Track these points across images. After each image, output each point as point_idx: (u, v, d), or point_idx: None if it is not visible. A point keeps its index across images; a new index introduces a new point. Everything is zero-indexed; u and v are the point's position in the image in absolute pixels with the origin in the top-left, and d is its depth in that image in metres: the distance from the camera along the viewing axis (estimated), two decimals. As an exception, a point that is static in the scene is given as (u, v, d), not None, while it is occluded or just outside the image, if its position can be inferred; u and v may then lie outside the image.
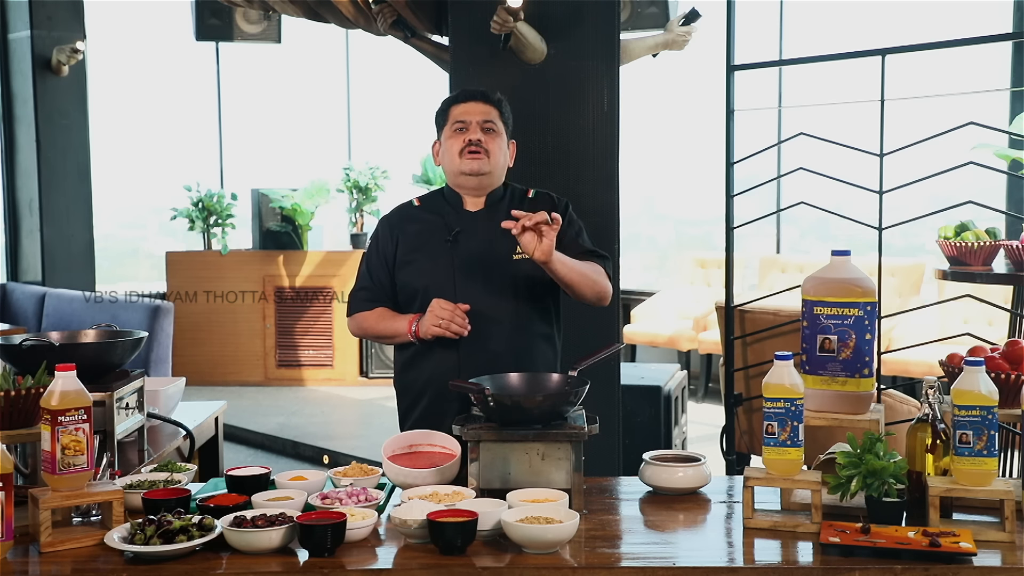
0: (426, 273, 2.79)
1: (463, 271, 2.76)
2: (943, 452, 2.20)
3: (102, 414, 2.75)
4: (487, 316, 2.73)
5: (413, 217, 2.89)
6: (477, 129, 2.79)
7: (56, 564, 2.02)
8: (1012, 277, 3.89)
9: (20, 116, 8.33)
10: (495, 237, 2.74)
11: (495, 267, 2.76)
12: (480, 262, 2.77)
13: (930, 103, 4.05)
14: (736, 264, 5.08)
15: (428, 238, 2.82)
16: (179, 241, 10.44)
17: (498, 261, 2.76)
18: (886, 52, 3.84)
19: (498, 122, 2.83)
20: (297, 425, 7.22)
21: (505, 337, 2.73)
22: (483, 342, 2.72)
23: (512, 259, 2.75)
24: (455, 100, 2.86)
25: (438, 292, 2.74)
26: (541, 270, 2.66)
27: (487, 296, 2.74)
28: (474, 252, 2.78)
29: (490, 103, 2.84)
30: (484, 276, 2.76)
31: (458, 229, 2.80)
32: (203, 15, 7.48)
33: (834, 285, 2.39)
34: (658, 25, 5.15)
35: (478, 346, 2.72)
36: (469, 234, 2.80)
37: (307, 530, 2.01)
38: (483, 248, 2.78)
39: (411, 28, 4.80)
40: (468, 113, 2.81)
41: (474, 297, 2.73)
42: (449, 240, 2.79)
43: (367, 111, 9.70)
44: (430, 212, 2.87)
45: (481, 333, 2.72)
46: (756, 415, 4.39)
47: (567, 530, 2.03)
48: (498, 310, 2.74)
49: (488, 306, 2.74)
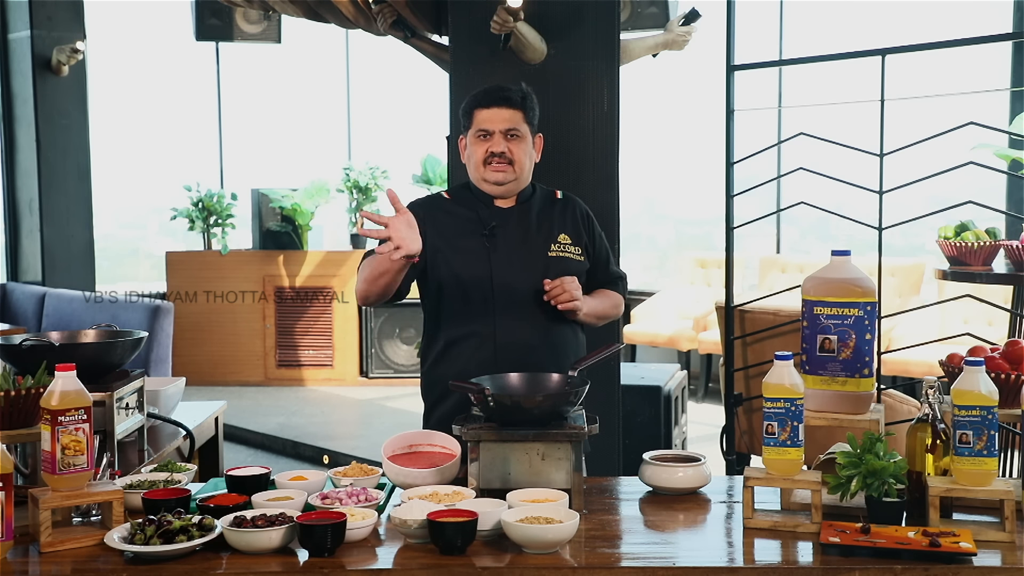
0: (460, 265, 2.77)
1: (500, 265, 2.76)
2: (943, 452, 2.20)
3: (102, 414, 2.75)
4: (523, 310, 2.74)
5: (444, 208, 2.86)
6: (501, 140, 2.76)
7: (56, 564, 2.02)
8: (1012, 277, 3.89)
9: (20, 116, 8.33)
10: (530, 233, 2.79)
11: (531, 261, 2.77)
12: (516, 256, 2.77)
13: (930, 103, 4.05)
14: (736, 264, 5.08)
15: (461, 231, 2.80)
16: (179, 241, 10.44)
17: (534, 256, 2.77)
18: (886, 52, 3.84)
19: (523, 126, 2.78)
20: (297, 425, 7.22)
21: (541, 331, 2.74)
22: (519, 335, 2.73)
23: (547, 255, 2.77)
24: (479, 103, 2.79)
25: (474, 285, 2.75)
26: (575, 267, 2.78)
27: (523, 290, 2.75)
28: (510, 246, 2.78)
29: (515, 107, 2.77)
30: (520, 270, 2.76)
31: (494, 223, 2.79)
32: (203, 15, 7.48)
33: (834, 285, 2.39)
34: (658, 25, 5.15)
35: (515, 340, 2.73)
36: (504, 229, 2.80)
37: (307, 530, 2.01)
38: (519, 243, 2.79)
39: (411, 28, 4.80)
40: (491, 121, 2.76)
41: (510, 291, 2.74)
42: (485, 234, 2.78)
43: (367, 111, 9.71)
44: (461, 206, 2.85)
45: (517, 327, 2.73)
46: (756, 415, 4.39)
47: (567, 530, 2.03)
48: (533, 304, 2.74)
49: (524, 300, 2.74)
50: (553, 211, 2.86)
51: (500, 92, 2.79)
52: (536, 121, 2.83)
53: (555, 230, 2.82)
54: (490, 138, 2.76)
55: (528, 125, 2.80)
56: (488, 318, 2.75)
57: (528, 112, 2.80)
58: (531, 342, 2.73)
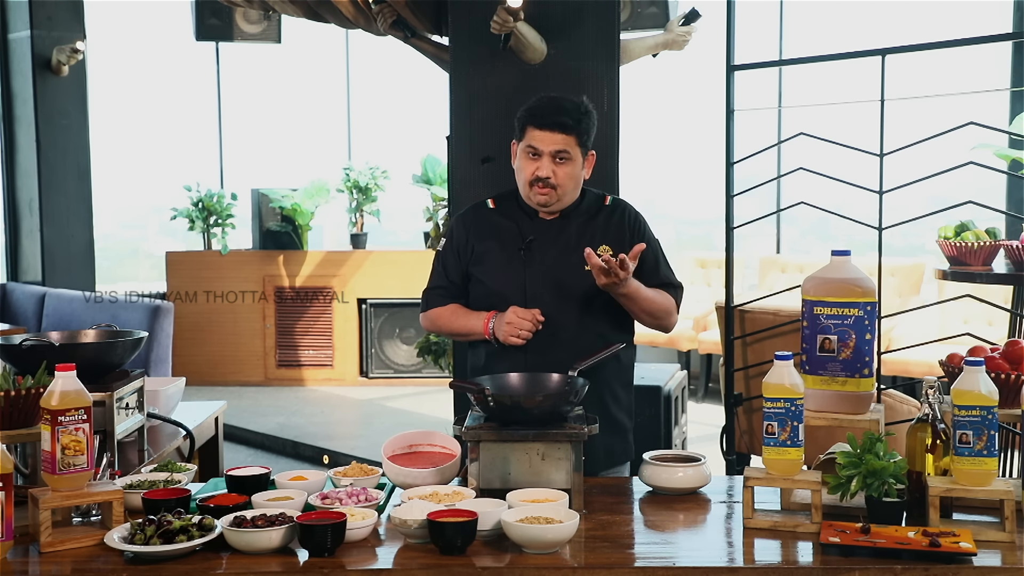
0: (498, 279, 2.79)
1: (534, 280, 2.76)
2: (943, 452, 2.20)
3: (102, 414, 2.75)
4: (555, 325, 2.72)
5: (487, 219, 2.86)
6: (549, 163, 2.70)
7: (56, 564, 2.02)
8: (1012, 277, 3.89)
9: (20, 116, 8.32)
10: (569, 248, 2.75)
11: (566, 278, 2.75)
12: (551, 272, 2.75)
13: (930, 103, 4.05)
14: (736, 264, 5.08)
15: (502, 243, 2.81)
16: (179, 241, 10.44)
17: (569, 272, 2.75)
18: (886, 52, 3.84)
19: (574, 148, 2.71)
20: (297, 425, 7.22)
21: (572, 347, 2.68)
22: (550, 351, 2.69)
23: (583, 271, 2.71)
24: (533, 121, 2.72)
25: (508, 298, 2.75)
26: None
27: (556, 305, 2.73)
28: (547, 262, 2.76)
29: (568, 133, 2.70)
30: (554, 286, 2.75)
31: (531, 238, 2.78)
32: (203, 15, 7.48)
33: (834, 285, 2.39)
34: (658, 25, 5.15)
35: (545, 354, 2.70)
36: (542, 243, 2.78)
37: (307, 530, 2.01)
38: (555, 258, 2.76)
39: (411, 28, 4.80)
40: (542, 142, 2.70)
41: (543, 305, 2.73)
42: (522, 249, 2.77)
43: (367, 111, 9.70)
44: (504, 216, 2.84)
45: (548, 342, 2.71)
46: (756, 415, 4.39)
47: (567, 530, 2.03)
48: (566, 320, 2.73)
49: (557, 315, 2.72)
50: (598, 219, 2.82)
51: (555, 116, 2.69)
52: (591, 140, 2.76)
53: (596, 241, 2.77)
54: (539, 159, 2.71)
55: (580, 147, 2.73)
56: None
57: (583, 135, 2.72)
58: (561, 358, 2.66)
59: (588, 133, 2.74)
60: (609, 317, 2.79)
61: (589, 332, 2.74)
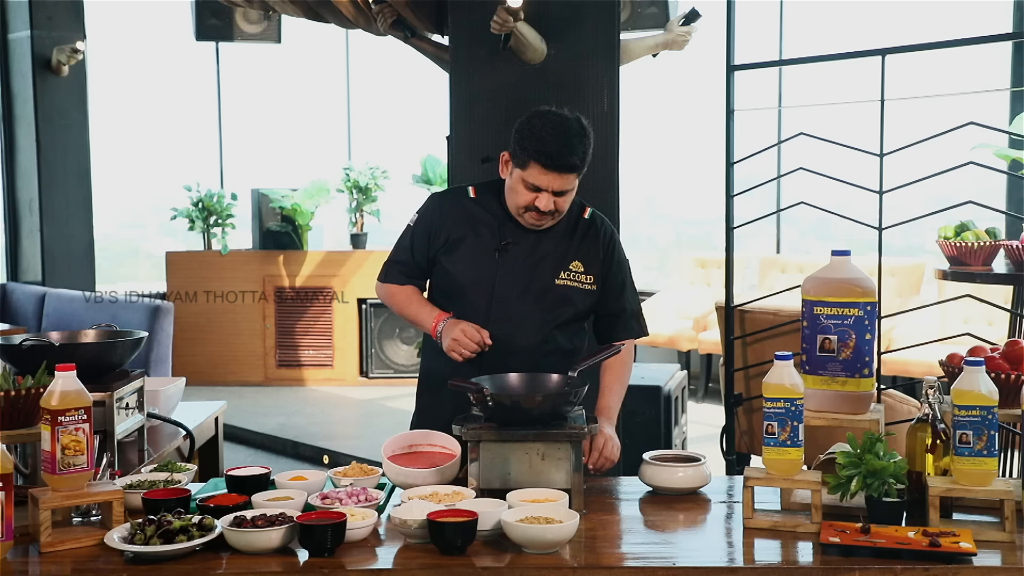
0: (467, 273, 2.74)
1: (504, 283, 2.72)
2: (943, 452, 2.20)
3: (102, 414, 2.75)
4: (516, 330, 2.70)
5: (466, 207, 2.78)
6: (550, 201, 2.62)
7: (56, 564, 2.02)
8: (1012, 277, 3.89)
9: (20, 116, 8.32)
10: (543, 259, 2.73)
11: (536, 285, 2.72)
12: (522, 279, 2.73)
13: (930, 103, 4.05)
14: (736, 264, 5.08)
15: (478, 236, 2.75)
16: (179, 241, 10.44)
17: (540, 280, 2.72)
18: (886, 52, 3.84)
19: (575, 181, 2.64)
20: (297, 425, 7.22)
21: (529, 353, 2.68)
22: (505, 355, 2.66)
23: (555, 283, 2.71)
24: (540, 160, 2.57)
25: (471, 295, 2.72)
26: (580, 296, 2.72)
27: (520, 310, 2.71)
28: (519, 266, 2.73)
29: (573, 173, 2.60)
30: (523, 291, 2.72)
31: (508, 240, 2.74)
32: (203, 15, 7.48)
33: (834, 285, 2.39)
34: (658, 25, 5.15)
35: (500, 359, 2.67)
36: (518, 247, 2.74)
37: (307, 530, 2.01)
38: (529, 264, 2.73)
39: (411, 28, 4.80)
40: (549, 183, 2.60)
41: (508, 308, 2.71)
42: (498, 250, 2.73)
43: (367, 111, 9.70)
44: (484, 210, 2.76)
45: (506, 347, 2.68)
46: (756, 415, 4.39)
47: (567, 530, 2.03)
48: (528, 325, 2.71)
49: (519, 320, 2.71)
50: (575, 234, 2.77)
51: (566, 159, 2.57)
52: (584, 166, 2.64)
53: (569, 256, 2.74)
54: (539, 193, 2.62)
55: (578, 178, 2.66)
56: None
57: (584, 169, 2.64)
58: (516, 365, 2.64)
59: (587, 163, 2.65)
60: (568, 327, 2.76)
61: (548, 342, 2.72)
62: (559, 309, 2.73)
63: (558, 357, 2.71)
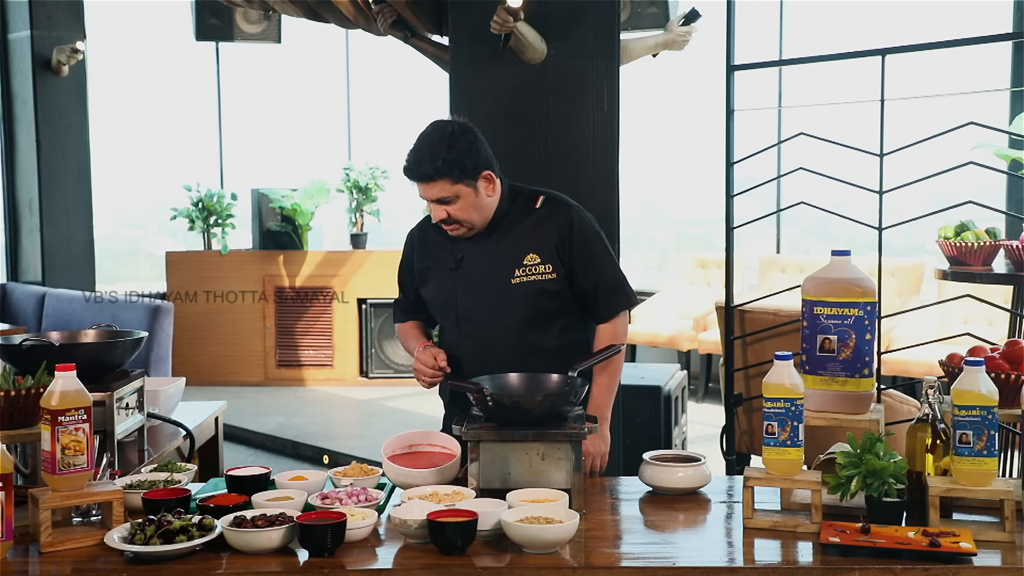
0: (436, 296, 2.82)
1: (465, 297, 2.76)
2: (943, 452, 2.20)
3: (102, 414, 2.75)
4: (488, 337, 2.73)
5: (427, 236, 2.86)
6: (440, 210, 2.66)
7: (56, 564, 2.02)
8: (1012, 277, 3.89)
9: (20, 116, 8.33)
10: (498, 261, 2.73)
11: (494, 293, 2.73)
12: (480, 288, 2.74)
13: (930, 103, 4.05)
14: (736, 264, 5.08)
15: (438, 259, 2.81)
16: (179, 241, 10.45)
17: (498, 286, 2.73)
18: (886, 52, 3.84)
19: (451, 188, 2.62)
20: (297, 425, 7.22)
21: (507, 357, 2.68)
22: (484, 363, 2.68)
23: (511, 283, 2.71)
24: (405, 174, 2.69)
25: (445, 315, 2.80)
26: (542, 289, 2.71)
27: (487, 318, 2.73)
28: (475, 278, 2.75)
29: (436, 179, 2.61)
30: (484, 300, 2.74)
31: (461, 255, 2.76)
32: (203, 15, 7.48)
33: (834, 285, 2.39)
34: (658, 25, 5.15)
35: (478, 366, 2.69)
36: (472, 259, 2.75)
37: (307, 530, 2.01)
38: (485, 272, 2.74)
39: (411, 28, 4.80)
40: (423, 193, 2.67)
41: (476, 319, 2.74)
42: (453, 268, 2.77)
43: (367, 111, 9.70)
44: (440, 233, 2.80)
45: (483, 355, 2.71)
46: (756, 415, 4.39)
47: (567, 530, 2.03)
48: (498, 331, 2.72)
49: (489, 327, 2.73)
50: (526, 226, 2.74)
51: (416, 170, 2.63)
52: (470, 169, 2.62)
53: (524, 250, 2.72)
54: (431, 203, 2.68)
55: (459, 184, 2.62)
56: (456, 345, 2.79)
57: (454, 174, 2.61)
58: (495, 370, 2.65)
59: (460, 167, 2.61)
60: (544, 326, 2.74)
61: (525, 344, 2.72)
62: (524, 309, 2.71)
63: (543, 357, 2.69)
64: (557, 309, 2.75)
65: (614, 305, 2.78)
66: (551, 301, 2.73)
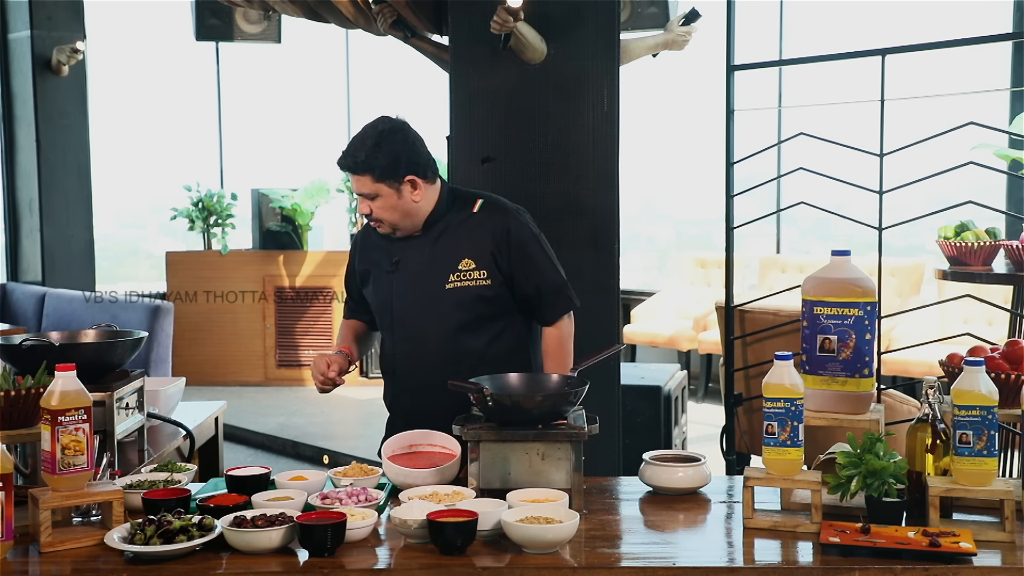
0: (375, 299, 2.83)
1: (400, 301, 2.75)
2: (943, 452, 2.20)
3: (102, 414, 2.75)
4: (422, 341, 2.73)
5: (370, 239, 2.86)
6: (364, 205, 2.68)
7: (56, 564, 2.02)
8: (1012, 277, 3.89)
9: (20, 116, 8.33)
10: (432, 264, 2.72)
11: (427, 297, 2.72)
12: (413, 291, 2.73)
13: (930, 103, 4.05)
14: (736, 264, 5.08)
15: (376, 261, 2.82)
16: (179, 241, 10.44)
17: (431, 290, 2.71)
18: (886, 52, 3.84)
19: (372, 187, 2.62)
20: (297, 425, 7.22)
21: (439, 362, 2.69)
22: (417, 367, 2.73)
23: (445, 288, 2.69)
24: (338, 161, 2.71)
25: (384, 320, 2.81)
26: (476, 295, 2.68)
27: (420, 322, 2.73)
28: (410, 281, 2.74)
29: (357, 173, 2.62)
30: (417, 305, 2.73)
31: (397, 258, 2.75)
32: (203, 15, 7.48)
33: (834, 285, 2.39)
34: (658, 25, 5.15)
35: (411, 370, 2.74)
36: (409, 260, 2.74)
37: (307, 530, 2.01)
38: (419, 276, 2.73)
39: (411, 28, 4.80)
40: (353, 185, 2.69)
41: (408, 325, 2.75)
42: (389, 271, 2.76)
43: (367, 111, 9.68)
44: (381, 236, 2.79)
45: (416, 359, 2.74)
46: (756, 415, 4.39)
47: (567, 530, 2.03)
48: (431, 335, 2.72)
49: (422, 332, 2.73)
50: (462, 231, 2.72)
51: (343, 159, 2.65)
52: (393, 170, 2.62)
53: (459, 256, 2.70)
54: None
55: (381, 183, 2.62)
56: (391, 348, 2.81)
57: (375, 172, 2.61)
58: (426, 375, 2.69)
59: (380, 166, 2.60)
60: (478, 330, 2.72)
61: (459, 349, 2.70)
62: (457, 315, 2.70)
63: (476, 361, 2.66)
64: (491, 314, 2.73)
65: (557, 308, 2.77)
66: (485, 306, 2.71)
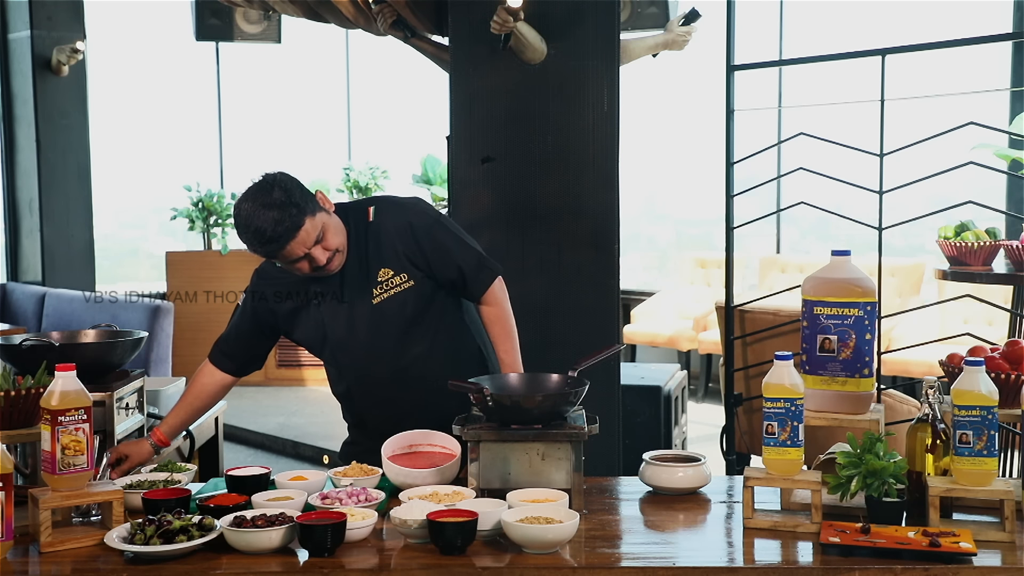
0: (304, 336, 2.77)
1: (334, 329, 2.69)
2: (943, 452, 2.20)
3: (102, 414, 2.75)
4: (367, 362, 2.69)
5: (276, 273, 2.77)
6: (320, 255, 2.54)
7: (56, 564, 2.02)
8: (1012, 277, 3.89)
9: (20, 116, 8.32)
10: (354, 283, 2.66)
11: (360, 316, 2.66)
12: (346, 316, 2.67)
13: (930, 103, 4.06)
14: (736, 264, 5.08)
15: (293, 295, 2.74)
16: (179, 241, 10.44)
17: (362, 311, 2.66)
18: (886, 52, 3.84)
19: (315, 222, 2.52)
20: (297, 425, 7.22)
21: (386, 377, 2.68)
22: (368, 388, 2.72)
23: (373, 304, 2.65)
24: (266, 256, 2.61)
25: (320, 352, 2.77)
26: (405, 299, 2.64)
27: (360, 346, 2.68)
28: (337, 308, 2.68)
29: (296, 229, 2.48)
30: (353, 327, 2.67)
31: (319, 290, 2.69)
32: (203, 15, 7.48)
33: (834, 285, 2.39)
34: (658, 25, 5.15)
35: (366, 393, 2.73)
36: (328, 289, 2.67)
37: (307, 530, 2.01)
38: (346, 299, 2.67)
39: (411, 28, 4.80)
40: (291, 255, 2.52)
41: (350, 348, 2.69)
42: (316, 303, 2.70)
43: (367, 111, 9.70)
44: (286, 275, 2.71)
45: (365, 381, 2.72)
46: (756, 415, 4.39)
47: (567, 530, 2.03)
48: (374, 352, 2.68)
49: (365, 353, 2.69)
50: (368, 244, 2.66)
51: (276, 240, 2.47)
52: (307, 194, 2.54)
53: (373, 268, 2.66)
54: (302, 263, 2.55)
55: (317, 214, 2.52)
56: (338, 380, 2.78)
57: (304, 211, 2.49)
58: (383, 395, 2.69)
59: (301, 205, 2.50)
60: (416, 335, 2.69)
61: (404, 356, 2.68)
62: (394, 325, 2.67)
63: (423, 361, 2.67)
64: (424, 310, 2.70)
65: (482, 282, 2.73)
66: (416, 306, 2.68)
